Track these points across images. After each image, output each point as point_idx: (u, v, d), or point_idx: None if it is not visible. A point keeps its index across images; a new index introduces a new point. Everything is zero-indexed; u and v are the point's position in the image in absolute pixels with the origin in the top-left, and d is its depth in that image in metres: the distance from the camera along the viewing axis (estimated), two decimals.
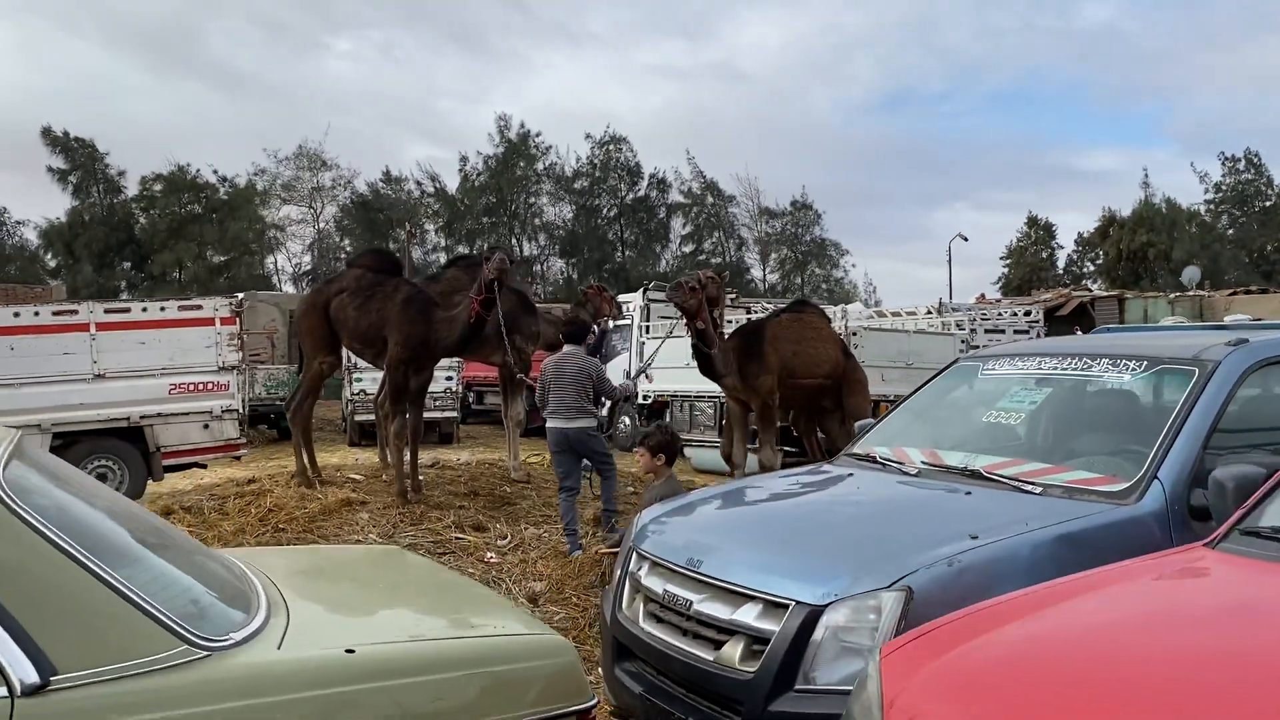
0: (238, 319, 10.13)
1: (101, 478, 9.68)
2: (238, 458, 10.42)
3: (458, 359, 15.64)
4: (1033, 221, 48.86)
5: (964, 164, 65.82)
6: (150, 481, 9.89)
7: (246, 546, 5.84)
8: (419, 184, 46.85)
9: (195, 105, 57.05)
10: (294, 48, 62.18)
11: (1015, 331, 16.38)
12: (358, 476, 8.14)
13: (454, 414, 17.37)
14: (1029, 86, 69.44)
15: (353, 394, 16.28)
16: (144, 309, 9.99)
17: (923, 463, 4.02)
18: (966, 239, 46.61)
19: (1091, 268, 47.41)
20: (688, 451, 14.12)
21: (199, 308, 10.08)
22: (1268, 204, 44.39)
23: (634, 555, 3.88)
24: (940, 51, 66.69)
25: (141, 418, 9.70)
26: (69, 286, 37.79)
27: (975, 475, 3.75)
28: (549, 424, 6.68)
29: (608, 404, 16.22)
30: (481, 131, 63.18)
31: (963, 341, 14.43)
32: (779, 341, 8.34)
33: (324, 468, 8.46)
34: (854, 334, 12.99)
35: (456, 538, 6.64)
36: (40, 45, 56.35)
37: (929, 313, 17.89)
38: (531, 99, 65.77)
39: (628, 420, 17.10)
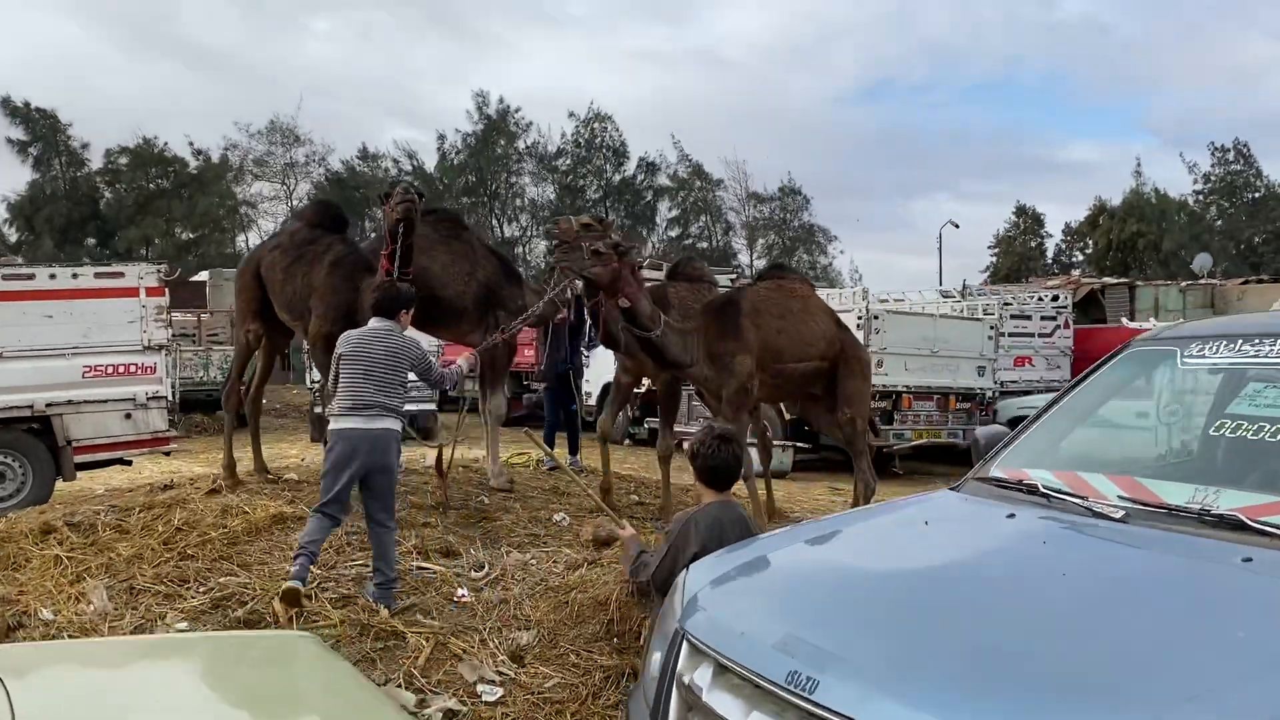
0: (166, 289, 8.57)
1: None
2: (167, 453, 8.90)
3: (438, 341, 14.01)
4: (1021, 211, 48.05)
5: (945, 154, 64.43)
6: (61, 482, 8.37)
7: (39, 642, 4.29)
8: (396, 162, 44.98)
9: (168, 83, 54.72)
10: (271, 27, 59.76)
11: (1043, 318, 15.22)
12: (293, 475, 6.63)
13: (431, 406, 15.76)
14: (1010, 77, 68.12)
15: (315, 379, 14.70)
16: (52, 275, 8.34)
17: (1122, 498, 2.61)
18: (958, 226, 45.51)
19: (1080, 257, 46.56)
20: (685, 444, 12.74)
21: (120, 275, 8.50)
22: (1256, 195, 43.64)
23: (684, 644, 2.45)
24: (922, 42, 65.24)
25: (48, 406, 8.17)
26: (28, 262, 35.75)
27: (1230, 524, 2.35)
28: (347, 424, 4.63)
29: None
30: (461, 115, 61.26)
31: (991, 328, 13.26)
32: (759, 315, 6.47)
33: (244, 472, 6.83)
34: (875, 318, 11.91)
35: (419, 568, 5.16)
36: (5, 17, 53.75)
37: (946, 296, 16.67)
38: (513, 83, 64.05)
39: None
